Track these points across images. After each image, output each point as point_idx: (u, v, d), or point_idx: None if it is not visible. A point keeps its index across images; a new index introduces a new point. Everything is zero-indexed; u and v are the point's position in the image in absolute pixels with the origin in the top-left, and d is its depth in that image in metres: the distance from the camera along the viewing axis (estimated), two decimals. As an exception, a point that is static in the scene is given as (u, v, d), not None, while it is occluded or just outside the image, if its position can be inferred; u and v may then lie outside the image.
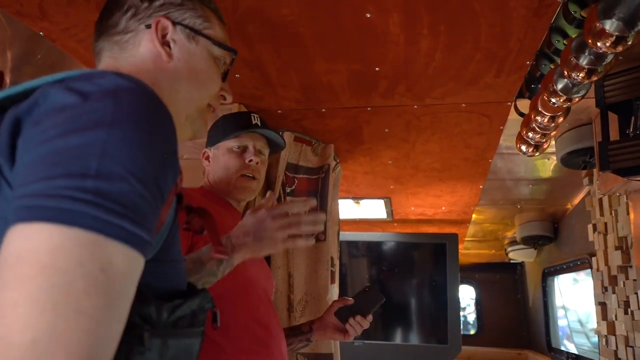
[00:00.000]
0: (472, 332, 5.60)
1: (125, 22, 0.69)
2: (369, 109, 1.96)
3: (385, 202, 3.18)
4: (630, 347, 2.21)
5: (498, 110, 1.93)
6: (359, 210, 3.40)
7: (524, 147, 1.83)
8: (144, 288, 0.47)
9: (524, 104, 1.90)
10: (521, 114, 1.88)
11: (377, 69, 1.62)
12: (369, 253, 3.77)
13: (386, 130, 2.14)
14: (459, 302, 3.54)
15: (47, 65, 1.80)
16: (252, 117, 1.39)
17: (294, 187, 2.08)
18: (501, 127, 2.09)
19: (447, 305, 3.49)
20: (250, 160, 1.33)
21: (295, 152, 2.13)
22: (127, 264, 0.44)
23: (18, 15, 1.30)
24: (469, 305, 5.71)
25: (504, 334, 5.30)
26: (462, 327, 4.10)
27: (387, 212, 3.37)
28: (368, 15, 1.31)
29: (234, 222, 1.35)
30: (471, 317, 5.72)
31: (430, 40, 1.43)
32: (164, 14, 0.69)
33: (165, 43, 0.68)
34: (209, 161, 1.39)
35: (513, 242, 4.35)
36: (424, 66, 1.59)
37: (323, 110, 1.98)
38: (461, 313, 4.50)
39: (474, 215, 3.52)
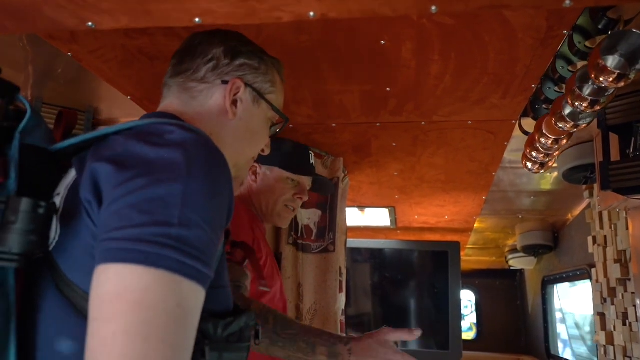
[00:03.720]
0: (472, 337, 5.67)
1: (206, 72, 0.75)
2: (378, 124, 2.02)
3: (389, 210, 3.25)
4: (628, 357, 2.28)
5: (503, 128, 2.00)
6: (363, 217, 3.46)
7: (529, 165, 1.89)
8: (202, 309, 0.55)
9: (528, 123, 1.96)
10: (525, 133, 1.95)
11: (387, 89, 1.68)
12: (372, 259, 3.84)
13: (394, 144, 2.21)
14: (460, 309, 3.60)
15: (67, 80, 1.87)
16: (311, 155, 1.47)
17: (304, 198, 2.14)
18: (505, 143, 2.15)
19: (448, 311, 3.56)
20: (300, 197, 1.43)
21: (305, 165, 2.19)
22: (196, 298, 0.52)
23: (49, 38, 1.36)
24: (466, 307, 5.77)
25: (503, 340, 5.37)
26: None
27: (391, 220, 3.43)
28: (382, 43, 1.37)
29: (261, 234, 1.41)
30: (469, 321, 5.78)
31: (441, 65, 1.49)
32: (240, 75, 0.76)
33: (234, 102, 0.75)
34: (256, 177, 1.43)
35: (514, 250, 4.41)
36: (433, 88, 1.65)
37: (333, 125, 2.05)
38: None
39: (475, 224, 3.59)
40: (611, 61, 1.12)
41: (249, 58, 0.79)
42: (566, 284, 4.16)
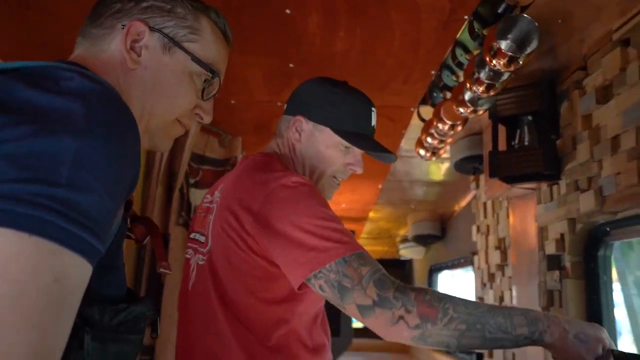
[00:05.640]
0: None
1: (105, 18, 0.64)
2: (279, 104, 1.96)
3: (287, 197, 3.21)
4: (503, 337, 2.45)
5: (402, 115, 2.03)
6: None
7: (422, 152, 1.94)
8: (87, 291, 0.45)
9: (425, 110, 2.02)
10: (422, 120, 2.00)
11: (291, 65, 1.63)
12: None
13: (295, 126, 2.16)
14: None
15: None
16: (372, 113, 1.13)
17: (198, 178, 2.02)
18: (403, 131, 2.20)
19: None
20: (351, 168, 1.14)
21: (201, 143, 2.07)
22: (80, 274, 0.43)
23: None
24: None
25: (391, 327, 5.61)
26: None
27: (288, 207, 3.40)
28: (288, 12, 1.31)
29: None
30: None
31: (346, 42, 1.46)
32: (145, 18, 0.64)
33: (133, 48, 0.63)
34: (301, 136, 1.11)
35: (405, 240, 4.61)
36: (338, 66, 1.62)
37: (233, 102, 1.95)
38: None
39: (371, 213, 3.68)
40: (504, 44, 1.16)
41: None
42: (448, 275, 4.44)
